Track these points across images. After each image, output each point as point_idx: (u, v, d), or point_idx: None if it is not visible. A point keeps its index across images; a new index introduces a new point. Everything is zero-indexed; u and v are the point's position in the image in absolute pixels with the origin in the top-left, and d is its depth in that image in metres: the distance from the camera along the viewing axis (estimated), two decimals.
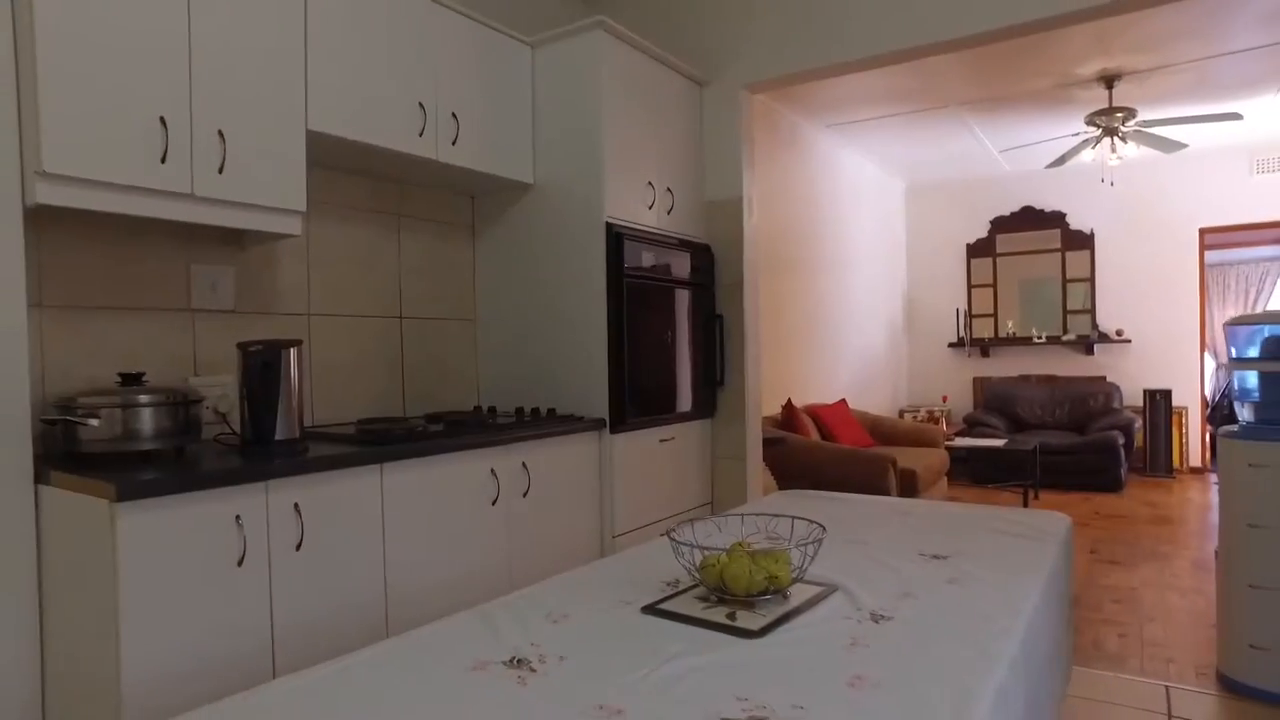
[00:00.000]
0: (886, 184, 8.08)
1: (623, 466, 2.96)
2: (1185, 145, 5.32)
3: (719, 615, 1.32)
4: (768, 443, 4.34)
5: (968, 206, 8.21)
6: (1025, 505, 5.85)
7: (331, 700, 1.12)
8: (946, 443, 6.01)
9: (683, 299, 3.31)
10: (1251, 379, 2.76)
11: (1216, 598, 2.91)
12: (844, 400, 6.15)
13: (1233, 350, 2.84)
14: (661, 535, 1.88)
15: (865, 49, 3.22)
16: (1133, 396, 7.22)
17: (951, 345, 8.24)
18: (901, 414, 7.90)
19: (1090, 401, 7.24)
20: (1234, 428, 2.80)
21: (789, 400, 5.31)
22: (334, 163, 2.63)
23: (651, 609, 1.38)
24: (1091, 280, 7.66)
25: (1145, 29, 4.27)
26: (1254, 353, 2.74)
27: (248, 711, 1.10)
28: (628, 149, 3.05)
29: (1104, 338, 7.53)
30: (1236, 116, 5.10)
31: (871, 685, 1.08)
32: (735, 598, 1.37)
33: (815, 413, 5.51)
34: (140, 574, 1.60)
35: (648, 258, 3.10)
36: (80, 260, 2.12)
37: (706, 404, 3.49)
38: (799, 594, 1.41)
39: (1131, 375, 7.35)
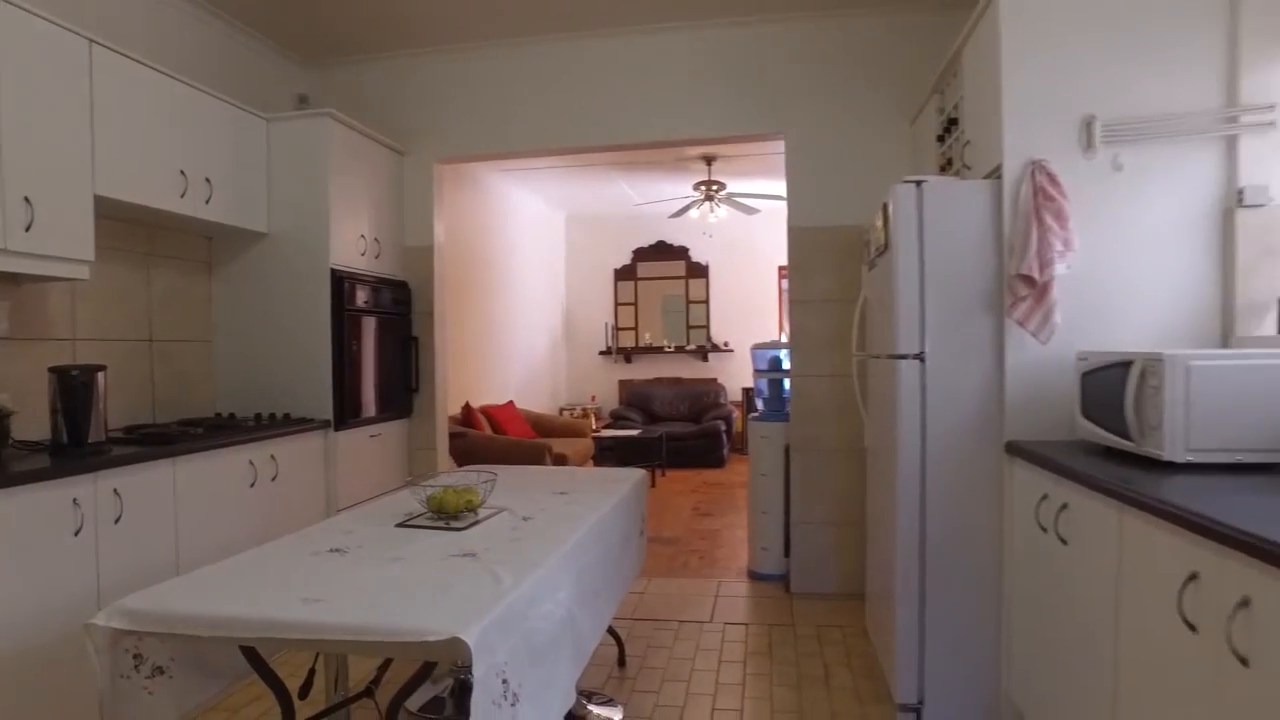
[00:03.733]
0: (550, 216, 9.49)
1: (344, 457, 3.83)
2: (759, 210, 7.30)
3: (441, 523, 2.35)
4: (452, 436, 5.38)
5: (616, 238, 9.90)
6: (654, 482, 7.51)
7: (228, 580, 1.95)
8: (594, 433, 7.49)
9: (387, 325, 4.24)
10: (763, 383, 4.41)
11: (748, 523, 4.55)
12: (512, 401, 7.37)
13: (755, 364, 4.49)
14: (400, 488, 2.84)
15: (525, 144, 4.44)
16: (734, 393, 9.35)
17: (602, 353, 9.89)
18: (560, 411, 9.33)
19: (705, 398, 9.24)
20: (755, 414, 4.44)
21: (467, 402, 6.39)
22: (100, 213, 3.19)
23: (402, 525, 2.36)
24: (707, 302, 9.74)
25: None
26: (764, 366, 4.39)
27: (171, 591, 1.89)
28: (347, 207, 3.92)
29: (715, 347, 9.62)
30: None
31: (524, 540, 2.18)
32: (449, 515, 2.40)
33: (489, 412, 6.64)
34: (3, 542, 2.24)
35: (362, 294, 3.99)
36: None
37: (405, 407, 4.45)
38: (484, 512, 2.48)
39: (734, 377, 9.49)
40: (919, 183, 2.59)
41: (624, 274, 9.95)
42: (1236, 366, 1.91)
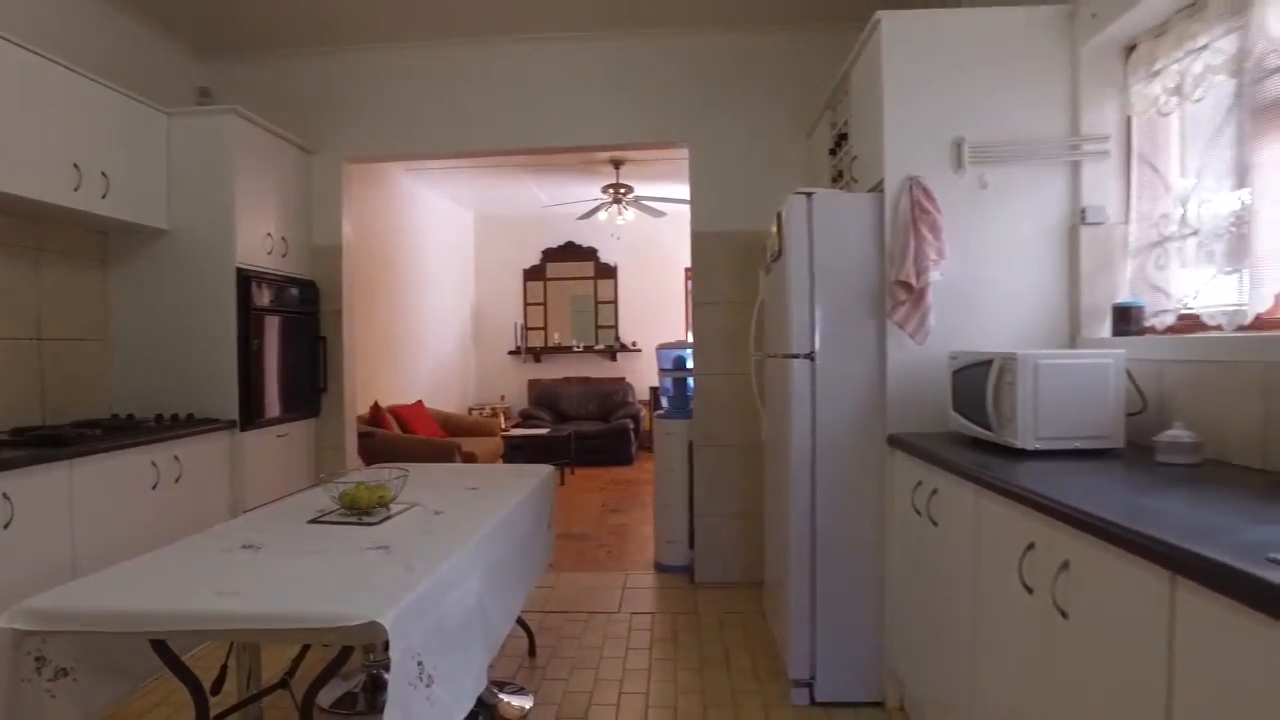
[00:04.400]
0: (459, 216, 9.45)
1: (250, 457, 3.79)
2: (666, 214, 7.50)
3: (354, 519, 2.41)
4: (360, 436, 5.34)
5: (525, 238, 9.94)
6: (563, 480, 7.61)
7: (138, 577, 1.96)
8: (503, 432, 7.54)
9: (295, 324, 4.21)
10: (668, 382, 4.58)
11: (654, 517, 4.71)
12: (420, 401, 7.34)
13: (660, 364, 4.65)
14: (311, 486, 2.86)
15: (435, 147, 4.48)
16: (642, 392, 9.54)
17: (511, 353, 9.92)
18: (470, 410, 9.32)
19: (613, 397, 9.39)
20: (661, 412, 4.61)
21: (376, 402, 6.35)
22: None
23: (315, 521, 2.40)
24: (615, 302, 9.89)
25: None
26: (668, 366, 4.56)
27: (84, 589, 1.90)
28: (253, 205, 3.88)
29: (624, 347, 9.78)
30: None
31: (436, 533, 2.26)
32: (362, 511, 2.45)
33: (397, 411, 6.61)
34: None
35: (268, 293, 3.96)
36: None
37: (313, 406, 4.43)
38: (396, 507, 2.54)
39: (641, 376, 9.67)
40: (809, 194, 2.79)
41: (533, 274, 10.00)
42: (1075, 365, 2.16)
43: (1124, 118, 2.65)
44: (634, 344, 9.77)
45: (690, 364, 4.42)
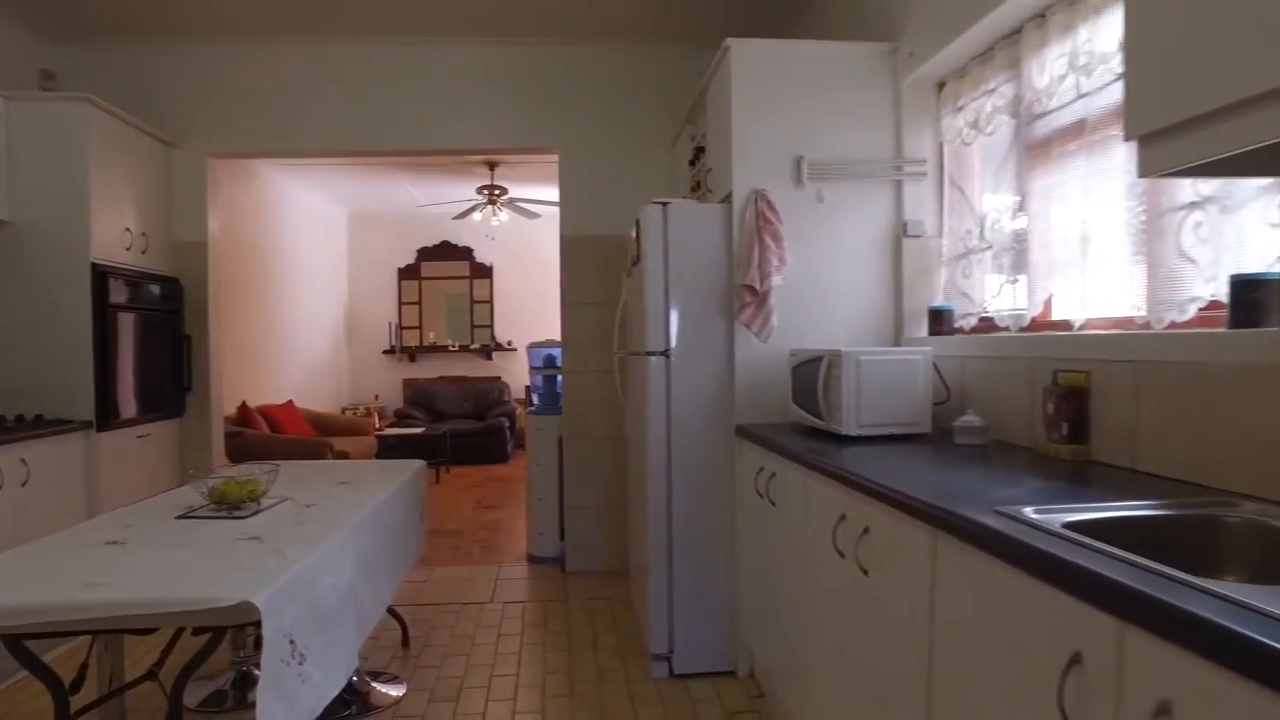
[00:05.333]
0: (332, 213, 9.26)
1: (108, 458, 3.70)
2: (540, 215, 7.62)
3: (224, 513, 2.45)
4: (228, 436, 5.23)
5: (400, 236, 9.83)
6: (438, 478, 7.63)
7: (3, 571, 1.95)
8: (377, 432, 7.48)
9: (157, 322, 4.12)
10: (539, 379, 4.74)
11: (526, 511, 4.86)
12: (291, 401, 7.19)
13: (530, 362, 4.80)
14: (183, 484, 2.85)
15: (307, 144, 4.46)
16: (518, 391, 9.62)
17: (386, 352, 9.79)
18: (343, 410, 9.15)
19: (489, 396, 9.43)
20: (532, 408, 4.76)
21: (244, 402, 6.20)
22: None
23: (183, 516, 2.42)
24: (491, 302, 9.94)
25: None
26: (539, 364, 4.72)
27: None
28: (109, 198, 3.78)
29: (500, 347, 9.84)
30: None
31: (308, 523, 2.34)
32: (232, 505, 2.50)
33: (266, 411, 6.47)
34: None
35: (127, 290, 3.86)
36: None
37: (177, 406, 4.33)
38: (267, 502, 2.60)
39: (517, 375, 9.74)
40: (665, 204, 3.02)
41: (408, 273, 9.91)
42: (891, 360, 2.48)
43: (937, 144, 3.01)
44: (509, 343, 9.85)
45: (560, 362, 4.60)
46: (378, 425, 8.24)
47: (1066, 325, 2.27)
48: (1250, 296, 1.56)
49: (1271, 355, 1.48)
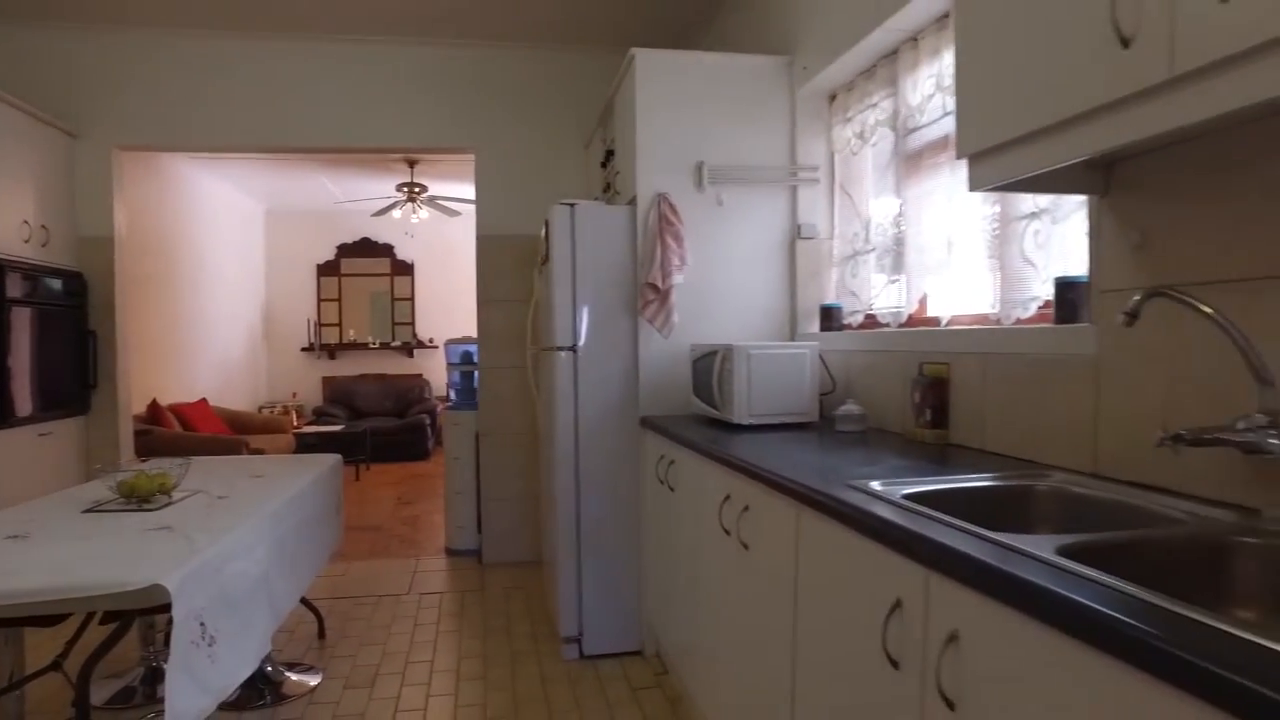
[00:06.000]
0: (249, 208, 9.08)
1: (7, 457, 3.63)
2: (460, 214, 7.66)
3: (134, 506, 2.48)
4: (137, 434, 5.14)
5: (319, 233, 9.70)
6: (358, 476, 7.60)
7: None
8: (295, 430, 7.41)
9: (58, 318, 4.05)
10: (457, 375, 4.82)
11: (444, 505, 4.93)
12: (204, 399, 7.06)
13: (448, 358, 4.88)
14: (90, 479, 2.84)
15: (220, 139, 4.44)
16: (439, 388, 9.61)
17: (304, 349, 9.65)
18: (260, 409, 8.99)
19: (410, 393, 9.40)
20: (450, 404, 4.83)
21: (154, 400, 6.07)
22: None
23: (90, 510, 2.44)
24: (413, 300, 9.90)
25: None
26: (456, 360, 4.80)
27: None
28: (5, 188, 3.70)
29: (421, 344, 9.81)
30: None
31: (220, 514, 2.40)
32: (143, 498, 2.52)
33: (178, 410, 6.34)
34: None
35: (25, 284, 3.79)
36: None
37: (81, 404, 4.26)
38: (178, 494, 2.63)
39: (438, 372, 9.72)
40: (572, 205, 3.15)
41: (327, 270, 9.78)
42: (780, 354, 2.67)
43: (829, 152, 3.22)
44: (430, 340, 9.83)
45: (477, 359, 4.68)
46: (296, 423, 8.14)
47: (937, 322, 2.50)
48: (1068, 296, 1.79)
49: (1081, 347, 1.70)
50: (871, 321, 2.91)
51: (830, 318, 3.07)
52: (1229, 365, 1.35)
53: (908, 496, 1.49)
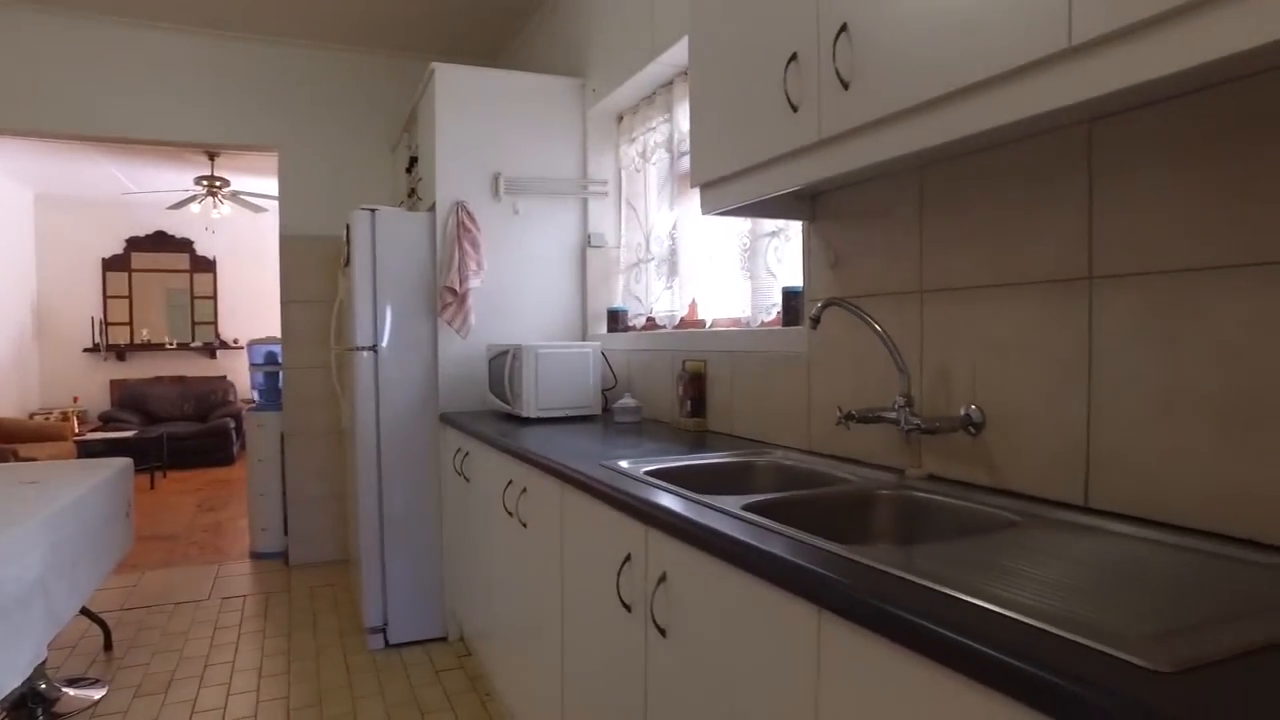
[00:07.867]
0: (14, 194, 8.27)
1: None
2: (266, 210, 7.40)
3: None
4: None
5: (104, 224, 8.98)
6: (153, 484, 7.18)
7: None
8: (77, 437, 6.90)
9: None
10: (260, 376, 4.75)
11: (248, 508, 4.84)
12: None
13: (251, 359, 4.79)
14: None
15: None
16: (244, 390, 9.19)
17: (88, 350, 8.91)
18: (32, 415, 8.22)
19: (213, 396, 8.93)
20: (253, 405, 4.75)
21: None
22: None
23: None
24: (215, 298, 9.40)
25: None
26: (260, 361, 4.73)
27: None
28: None
29: (225, 345, 9.34)
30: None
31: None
32: None
33: None
34: None
35: None
36: None
37: None
38: None
39: (244, 374, 9.29)
40: (373, 210, 3.26)
41: (115, 264, 9.08)
42: (565, 353, 2.93)
43: (617, 168, 3.52)
44: (235, 341, 9.38)
45: (281, 359, 4.63)
46: (78, 430, 7.55)
47: (704, 324, 2.84)
48: (791, 303, 2.15)
49: (797, 346, 2.07)
50: (652, 324, 3.23)
51: (617, 320, 3.37)
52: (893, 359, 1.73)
53: (649, 472, 1.77)
